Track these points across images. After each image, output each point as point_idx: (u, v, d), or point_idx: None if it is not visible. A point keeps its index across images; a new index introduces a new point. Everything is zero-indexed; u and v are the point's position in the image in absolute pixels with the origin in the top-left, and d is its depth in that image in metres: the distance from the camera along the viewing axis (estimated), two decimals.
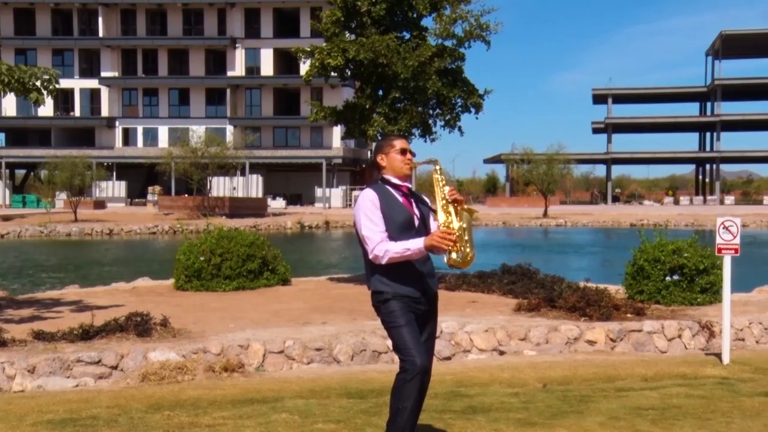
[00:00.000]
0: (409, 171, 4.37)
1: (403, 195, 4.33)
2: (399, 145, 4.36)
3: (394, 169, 4.36)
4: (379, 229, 4.19)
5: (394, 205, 4.27)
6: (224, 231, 14.21)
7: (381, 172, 4.43)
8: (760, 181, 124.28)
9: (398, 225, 4.21)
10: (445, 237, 4.03)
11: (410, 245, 4.11)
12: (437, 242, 4.03)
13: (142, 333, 8.67)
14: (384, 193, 4.31)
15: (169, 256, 19.36)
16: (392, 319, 4.25)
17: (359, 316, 10.40)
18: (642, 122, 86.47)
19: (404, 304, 4.23)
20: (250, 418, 5.70)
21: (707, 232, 32.17)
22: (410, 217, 4.27)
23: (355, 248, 32.47)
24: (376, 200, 4.25)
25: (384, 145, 4.44)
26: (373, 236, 4.18)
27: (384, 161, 4.40)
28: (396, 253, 4.12)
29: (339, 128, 57.03)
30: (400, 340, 4.24)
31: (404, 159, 4.35)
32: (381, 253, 4.14)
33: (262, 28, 68.58)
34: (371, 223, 4.21)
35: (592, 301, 10.26)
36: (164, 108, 70.22)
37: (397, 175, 4.36)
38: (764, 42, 78.53)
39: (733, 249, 7.95)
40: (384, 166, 4.40)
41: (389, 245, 4.14)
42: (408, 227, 4.24)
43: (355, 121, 13.64)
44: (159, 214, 50.97)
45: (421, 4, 12.93)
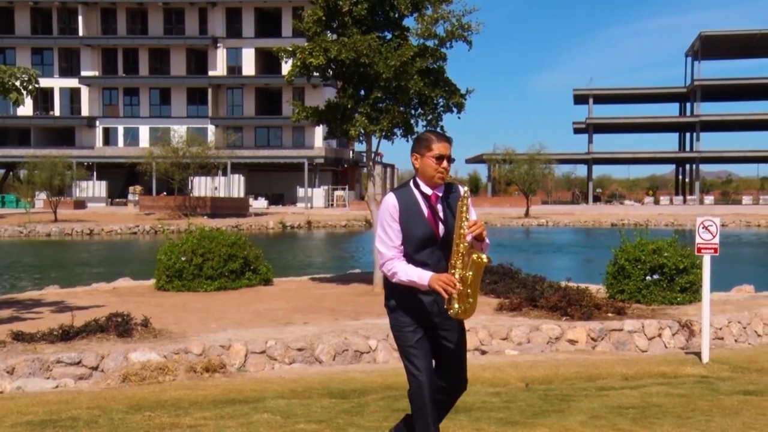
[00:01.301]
0: (441, 182, 3.95)
1: (429, 206, 3.95)
2: (437, 150, 3.92)
3: (425, 175, 3.96)
4: (393, 245, 3.93)
5: (416, 218, 3.93)
6: (206, 231, 14.17)
7: (415, 173, 4.06)
8: (739, 181, 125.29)
9: (416, 240, 3.92)
10: (449, 285, 3.75)
11: (417, 279, 3.83)
12: (439, 289, 3.76)
13: (122, 333, 8.62)
14: (408, 201, 3.96)
15: (150, 256, 19.26)
16: (398, 334, 4.04)
17: (341, 316, 10.39)
18: (622, 122, 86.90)
19: (412, 318, 3.98)
20: (231, 418, 5.68)
21: (687, 231, 32.40)
22: (431, 234, 3.93)
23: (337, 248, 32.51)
24: (396, 210, 3.93)
25: (421, 144, 3.99)
26: (385, 252, 3.94)
27: (417, 162, 3.99)
28: (401, 280, 3.89)
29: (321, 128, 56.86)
30: (404, 360, 4.03)
31: (438, 167, 3.92)
32: (389, 272, 3.93)
33: (243, 28, 68.35)
34: (386, 236, 3.94)
35: (574, 300, 10.32)
36: (145, 107, 69.83)
37: (427, 182, 3.96)
38: (743, 43, 79.22)
39: (712, 249, 8.01)
40: (416, 168, 4.00)
41: (399, 267, 3.89)
42: (428, 243, 3.93)
43: (337, 120, 13.63)
44: (140, 214, 50.70)
45: (402, 4, 12.93)
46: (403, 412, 5.85)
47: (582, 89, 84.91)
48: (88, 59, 69.05)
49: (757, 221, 50.17)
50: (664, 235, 12.74)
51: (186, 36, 68.90)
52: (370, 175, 14.38)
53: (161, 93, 69.86)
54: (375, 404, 6.14)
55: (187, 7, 68.70)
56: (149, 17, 69.58)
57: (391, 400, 6.28)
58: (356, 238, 41.70)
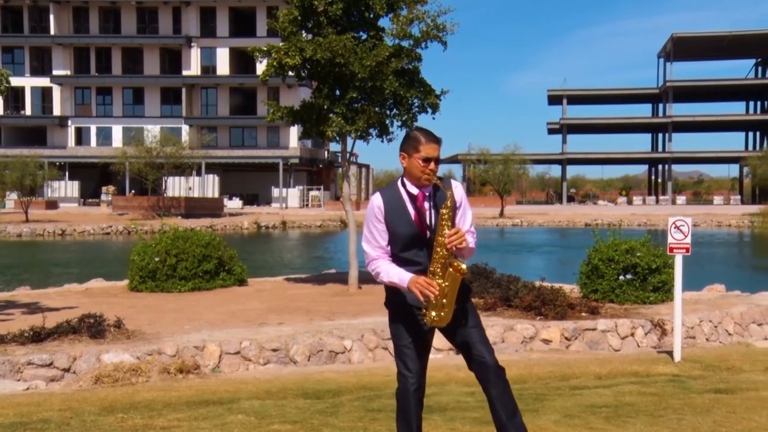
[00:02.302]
0: (427, 183, 3.88)
1: (415, 206, 3.89)
2: (424, 152, 3.83)
3: (412, 175, 3.90)
4: (377, 245, 3.92)
5: (401, 218, 3.88)
6: (180, 231, 14.09)
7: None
8: (711, 181, 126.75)
9: (402, 240, 3.89)
10: (426, 289, 3.73)
11: (397, 280, 3.82)
12: (417, 293, 3.75)
13: (95, 335, 8.55)
14: (393, 200, 3.91)
15: (123, 256, 19.12)
16: (394, 332, 4.02)
17: (316, 317, 10.37)
18: (596, 123, 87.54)
19: (410, 316, 3.94)
20: (205, 419, 5.65)
21: (659, 231, 32.69)
22: (416, 233, 3.87)
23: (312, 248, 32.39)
24: (381, 211, 3.90)
25: (409, 144, 3.90)
26: (369, 252, 3.94)
27: (404, 162, 3.91)
28: (384, 281, 3.91)
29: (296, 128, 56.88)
30: (396, 358, 4.02)
31: (425, 169, 3.85)
32: (373, 272, 3.94)
33: (217, 27, 68.05)
34: (371, 236, 3.93)
35: (548, 300, 10.37)
36: (118, 107, 69.31)
37: (414, 182, 3.90)
38: (714, 44, 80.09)
39: (684, 248, 8.08)
40: (404, 167, 3.93)
41: (382, 267, 3.89)
42: (415, 242, 3.88)
43: (313, 121, 13.60)
44: (113, 215, 50.30)
45: (377, 5, 12.92)
46: (377, 412, 5.85)
47: (556, 90, 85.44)
48: (60, 58, 68.42)
49: (727, 221, 50.76)
50: (637, 235, 12.84)
51: (160, 35, 68.49)
52: (346, 176, 14.37)
53: (134, 92, 69.41)
54: (350, 404, 6.13)
55: (161, 6, 68.28)
56: (122, 16, 69.08)
57: (365, 401, 6.27)
58: (331, 238, 41.65)
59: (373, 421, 5.61)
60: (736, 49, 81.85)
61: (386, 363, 8.67)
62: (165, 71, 69.40)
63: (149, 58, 69.08)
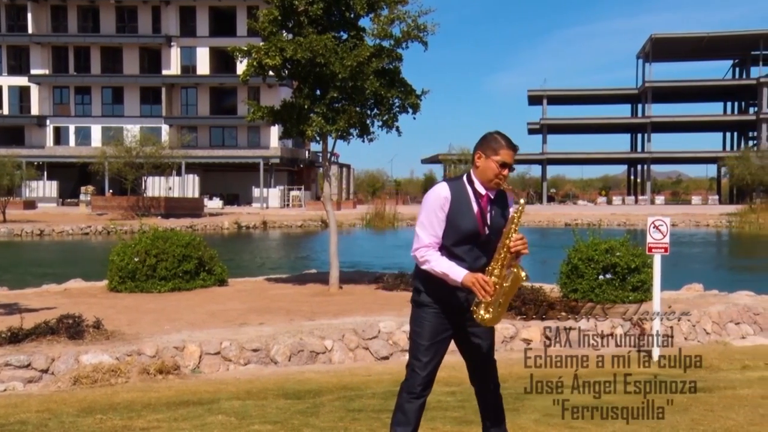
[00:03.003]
0: (497, 187, 3.95)
1: (479, 205, 3.93)
2: (503, 157, 3.89)
3: (484, 177, 3.94)
4: (433, 233, 3.90)
5: (464, 213, 3.91)
6: (159, 231, 14.01)
7: (473, 168, 4.02)
8: (689, 181, 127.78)
9: (460, 234, 3.90)
10: (484, 287, 3.75)
11: (450, 272, 3.83)
12: (475, 288, 3.76)
13: (74, 335, 8.49)
14: (459, 195, 3.94)
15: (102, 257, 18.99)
16: (417, 329, 4.03)
17: (297, 317, 10.36)
18: (576, 123, 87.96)
19: (439, 317, 3.98)
20: (185, 420, 5.63)
21: (638, 231, 32.89)
22: (475, 230, 3.91)
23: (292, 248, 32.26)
24: (448, 201, 3.90)
25: (488, 145, 3.95)
26: (423, 237, 3.91)
27: (480, 161, 3.95)
28: (434, 270, 3.88)
29: (276, 128, 56.72)
30: (413, 356, 4.03)
31: (499, 173, 3.91)
32: (422, 258, 3.91)
33: (197, 27, 67.76)
34: (429, 223, 3.91)
35: (528, 300, 10.42)
36: (97, 107, 68.83)
37: (484, 183, 3.94)
38: (692, 45, 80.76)
39: (662, 248, 8.14)
40: (477, 166, 3.96)
41: (433, 257, 3.88)
42: (470, 239, 3.92)
43: (293, 120, 13.56)
44: (92, 215, 49.95)
45: (358, 5, 12.91)
46: (358, 412, 5.85)
47: (536, 90, 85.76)
48: (38, 57, 67.85)
49: (705, 221, 51.15)
50: (617, 234, 12.92)
51: (139, 35, 68.10)
52: (326, 176, 14.35)
53: (114, 92, 68.95)
54: (330, 405, 6.13)
55: (140, 5, 67.90)
56: (101, 15, 68.62)
57: (346, 401, 6.27)
58: (312, 238, 41.58)
59: (353, 421, 5.61)
60: (714, 50, 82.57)
61: (367, 363, 8.67)
62: (144, 71, 69.02)
63: (128, 58, 68.67)
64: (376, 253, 29.41)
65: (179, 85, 68.81)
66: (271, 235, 43.92)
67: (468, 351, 4.13)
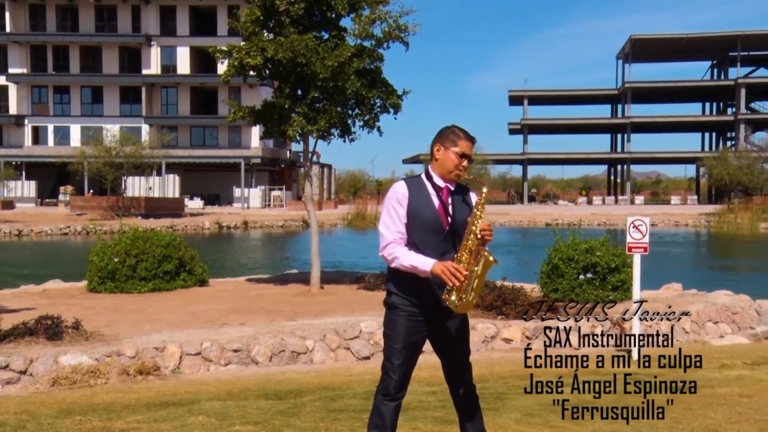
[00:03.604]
0: (457, 178, 3.99)
1: (440, 198, 3.96)
2: (461, 147, 3.95)
3: (443, 168, 3.97)
4: (396, 229, 3.90)
5: (425, 206, 3.93)
6: (139, 231, 13.93)
7: (431, 162, 4.05)
8: (668, 181, 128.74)
9: (423, 229, 3.91)
10: (454, 273, 3.74)
11: (418, 264, 3.82)
12: (445, 276, 3.75)
13: (52, 336, 8.42)
14: (418, 189, 3.97)
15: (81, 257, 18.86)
16: (390, 332, 4.01)
17: (278, 317, 10.34)
18: (557, 123, 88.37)
19: (411, 320, 3.96)
20: (165, 421, 5.60)
21: (618, 231, 33.11)
22: (438, 223, 3.92)
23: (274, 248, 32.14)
24: (405, 197, 3.92)
25: (447, 137, 4.00)
26: (387, 235, 3.91)
27: (439, 153, 3.99)
28: (402, 265, 3.86)
29: (257, 128, 56.50)
30: (387, 359, 4.01)
31: (459, 164, 3.95)
32: (389, 257, 3.90)
33: (178, 26, 67.44)
34: (390, 220, 3.92)
35: (509, 299, 10.45)
36: (76, 106, 68.34)
37: (443, 175, 3.98)
38: (671, 46, 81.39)
39: (642, 248, 8.19)
40: (436, 159, 4.00)
41: (400, 252, 3.87)
42: (434, 233, 3.91)
43: (274, 120, 13.53)
44: (71, 215, 49.60)
45: (339, 4, 12.90)
46: (339, 413, 5.85)
47: (517, 90, 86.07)
48: (16, 56, 67.30)
49: (684, 221, 51.53)
50: (597, 234, 12.98)
51: (119, 34, 67.71)
52: (308, 176, 14.33)
53: (93, 91, 68.49)
54: (311, 405, 6.12)
55: (120, 4, 67.51)
56: (80, 14, 68.14)
57: (327, 401, 6.27)
58: (293, 238, 41.51)
59: (334, 421, 5.61)
60: (692, 50, 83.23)
61: (348, 363, 8.67)
62: (124, 70, 68.62)
63: (108, 57, 68.24)
64: (358, 253, 29.40)
65: (159, 84, 68.47)
66: (252, 236, 43.79)
67: (443, 350, 4.13)
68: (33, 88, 68.50)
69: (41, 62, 68.32)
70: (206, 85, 67.47)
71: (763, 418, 5.77)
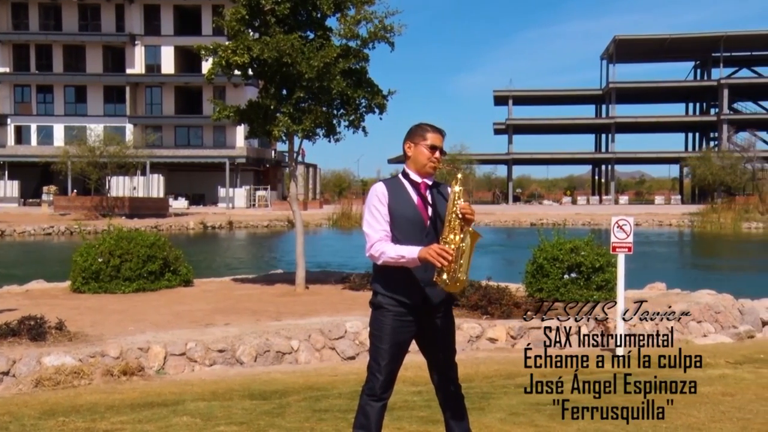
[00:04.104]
0: (432, 171, 4.04)
1: (418, 193, 4.02)
2: (431, 140, 4.02)
3: (417, 163, 4.03)
4: (381, 227, 3.93)
5: (405, 204, 3.97)
6: (124, 232, 13.87)
7: (405, 161, 4.11)
8: (652, 181, 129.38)
9: (405, 225, 3.94)
10: (441, 254, 3.73)
11: (405, 253, 3.83)
12: (432, 258, 3.74)
13: (35, 337, 8.37)
14: (396, 188, 4.02)
15: (65, 257, 18.75)
16: (377, 333, 4.02)
17: (263, 317, 10.31)
18: (541, 123, 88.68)
19: (398, 320, 3.98)
20: (149, 422, 5.58)
21: (603, 231, 33.23)
22: (419, 218, 3.96)
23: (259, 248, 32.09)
24: (385, 196, 3.97)
25: (416, 133, 4.07)
26: (372, 234, 3.93)
27: (410, 150, 4.06)
28: (390, 257, 3.87)
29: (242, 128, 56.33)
30: (373, 359, 4.02)
31: (431, 156, 4.02)
32: (377, 254, 3.91)
33: (162, 25, 67.17)
34: (373, 219, 3.95)
35: (494, 299, 10.47)
36: (60, 105, 67.95)
37: (419, 170, 4.04)
38: (655, 47, 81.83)
39: (626, 247, 8.23)
40: (409, 156, 4.07)
41: (386, 247, 3.89)
42: (417, 228, 3.95)
43: (259, 120, 13.50)
44: (55, 215, 49.29)
45: (325, 4, 12.88)
46: (324, 413, 5.85)
47: (502, 90, 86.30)
48: None
49: (668, 221, 51.82)
50: (581, 234, 13.02)
51: (102, 33, 67.36)
52: (293, 176, 14.30)
53: (77, 91, 68.11)
54: (296, 405, 6.12)
55: (103, 3, 67.14)
56: (63, 13, 67.70)
57: (312, 401, 6.26)
58: (278, 238, 41.44)
59: (319, 421, 5.61)
60: (676, 51, 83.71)
61: (333, 363, 8.66)
62: (108, 69, 68.26)
63: (92, 56, 67.87)
64: (343, 253, 29.38)
65: (144, 84, 68.18)
66: (237, 236, 43.68)
67: (429, 350, 4.14)
68: (16, 87, 68.02)
69: (24, 61, 67.85)
70: (191, 84, 67.24)
71: (745, 416, 5.82)
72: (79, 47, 68.08)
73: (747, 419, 5.74)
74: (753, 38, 79.15)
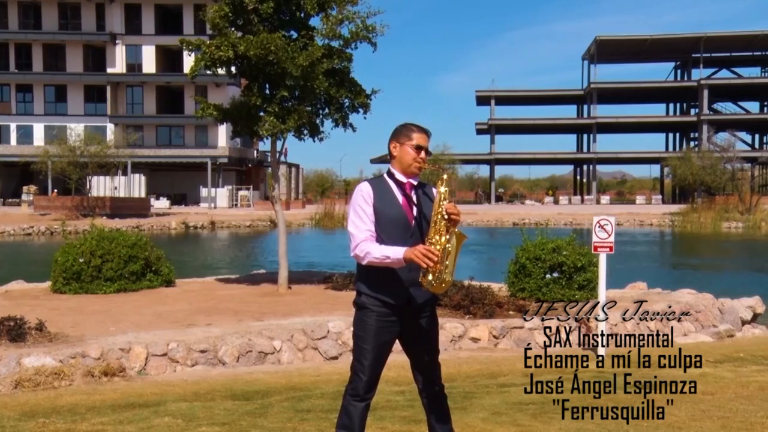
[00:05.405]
0: (417, 171, 4.04)
1: (404, 194, 4.01)
2: (416, 140, 4.01)
3: (402, 163, 4.04)
4: (366, 227, 3.92)
5: (390, 204, 3.97)
6: (105, 232, 13.78)
7: (390, 161, 4.12)
8: (633, 181, 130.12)
9: (390, 225, 3.93)
10: (426, 255, 3.71)
11: (390, 253, 3.81)
12: (417, 258, 3.71)
13: (15, 338, 8.30)
14: (381, 188, 4.02)
15: (45, 258, 18.63)
16: (360, 333, 4.02)
17: (245, 317, 10.28)
18: (523, 123, 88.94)
19: (382, 321, 3.96)
20: (130, 423, 5.55)
21: (585, 230, 33.39)
22: (405, 219, 3.96)
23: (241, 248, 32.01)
24: (370, 196, 3.96)
25: (401, 133, 4.07)
26: (357, 234, 3.91)
27: (396, 150, 4.07)
28: (375, 258, 3.84)
29: (224, 127, 56.20)
30: (356, 359, 4.02)
31: (417, 156, 4.02)
32: (362, 254, 3.88)
33: (143, 24, 66.80)
34: (359, 219, 3.93)
35: (476, 299, 10.49)
36: (39, 105, 67.45)
37: (404, 170, 4.04)
38: (636, 47, 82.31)
39: (608, 247, 8.27)
40: (394, 156, 4.08)
41: (371, 247, 3.86)
42: (402, 229, 3.94)
43: (244, 119, 13.44)
44: (35, 215, 48.94)
45: (308, 4, 12.85)
46: (306, 413, 5.84)
47: (484, 91, 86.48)
48: None
49: (649, 220, 52.14)
50: (563, 234, 13.07)
51: (83, 32, 66.93)
52: (275, 176, 14.27)
53: (57, 90, 67.64)
54: (279, 405, 6.10)
55: (84, 2, 66.70)
56: (43, 12, 67.21)
57: (295, 401, 6.25)
58: (261, 238, 41.33)
59: (302, 421, 5.60)
60: (656, 52, 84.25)
61: (316, 363, 8.65)
62: (89, 69, 67.81)
63: (72, 55, 67.41)
64: (326, 253, 29.35)
65: (125, 83, 67.82)
66: (220, 236, 43.54)
67: (412, 350, 4.15)
68: None
69: (3, 60, 67.33)
70: (172, 84, 66.94)
71: (725, 415, 5.86)
72: (60, 46, 67.61)
73: (726, 417, 5.78)
74: (733, 39, 79.85)
